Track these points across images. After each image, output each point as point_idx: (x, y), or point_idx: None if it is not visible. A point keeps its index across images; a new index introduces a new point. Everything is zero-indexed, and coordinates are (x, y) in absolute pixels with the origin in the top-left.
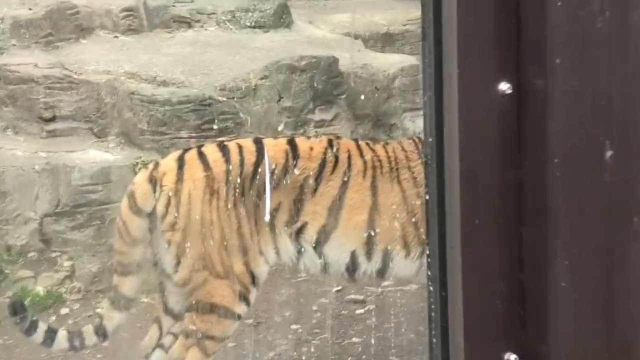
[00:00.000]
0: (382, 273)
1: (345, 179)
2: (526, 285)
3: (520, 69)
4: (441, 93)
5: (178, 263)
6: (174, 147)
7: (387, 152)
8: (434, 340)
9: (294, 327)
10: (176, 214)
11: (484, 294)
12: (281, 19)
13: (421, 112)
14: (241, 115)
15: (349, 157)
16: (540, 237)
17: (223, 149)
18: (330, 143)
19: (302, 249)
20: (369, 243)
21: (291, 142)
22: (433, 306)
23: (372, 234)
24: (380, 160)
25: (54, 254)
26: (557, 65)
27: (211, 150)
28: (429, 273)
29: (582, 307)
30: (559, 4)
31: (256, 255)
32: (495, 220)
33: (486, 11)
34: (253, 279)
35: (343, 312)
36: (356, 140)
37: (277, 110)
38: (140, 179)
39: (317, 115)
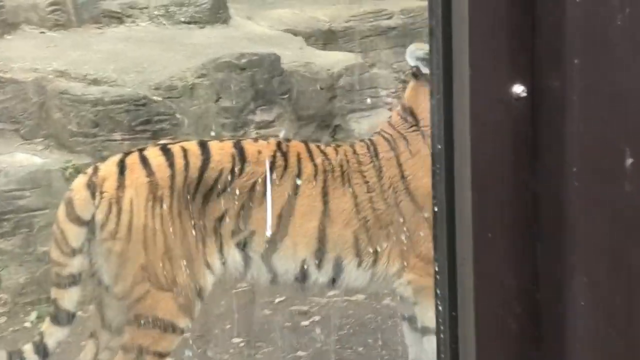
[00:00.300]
0: (333, 283)
1: (295, 184)
2: (542, 304)
3: (535, 70)
4: (451, 96)
5: (118, 274)
6: (107, 150)
7: (338, 155)
8: None
9: (235, 340)
10: (117, 222)
11: (498, 314)
12: (218, 14)
13: (366, 113)
14: (178, 115)
15: (299, 161)
16: (557, 251)
17: (166, 152)
18: (279, 146)
19: (250, 259)
20: (320, 252)
21: (238, 145)
22: (442, 327)
23: (323, 242)
24: (331, 164)
25: None
26: (575, 66)
27: (154, 153)
28: (438, 291)
29: (602, 328)
30: (577, 0)
31: (201, 266)
32: (509, 234)
33: (499, 6)
34: (198, 291)
35: (287, 324)
36: (306, 143)
37: (215, 111)
38: (79, 185)
39: (258, 116)
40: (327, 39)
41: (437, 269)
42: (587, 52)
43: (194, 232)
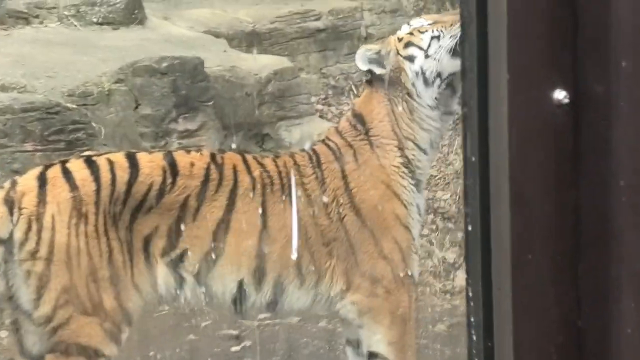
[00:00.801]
0: (273, 305)
1: (231, 198)
2: (585, 333)
3: (578, 74)
4: (486, 103)
5: (39, 298)
6: (17, 162)
7: (278, 166)
8: None
9: None
10: (37, 241)
11: (538, 345)
12: (133, 14)
13: (297, 121)
14: (94, 124)
15: (235, 174)
16: (601, 274)
17: (91, 165)
18: (213, 158)
19: (183, 280)
20: (259, 271)
21: (169, 157)
22: (476, 358)
23: (262, 261)
24: (270, 177)
25: None
26: (623, 69)
27: (78, 166)
28: (472, 319)
29: None
30: None
31: (129, 288)
32: (550, 255)
33: (539, 4)
34: (125, 315)
35: (216, 349)
36: (243, 154)
37: (134, 119)
38: None
39: (181, 125)
40: (251, 41)
41: (470, 295)
42: (636, 54)
43: (121, 252)
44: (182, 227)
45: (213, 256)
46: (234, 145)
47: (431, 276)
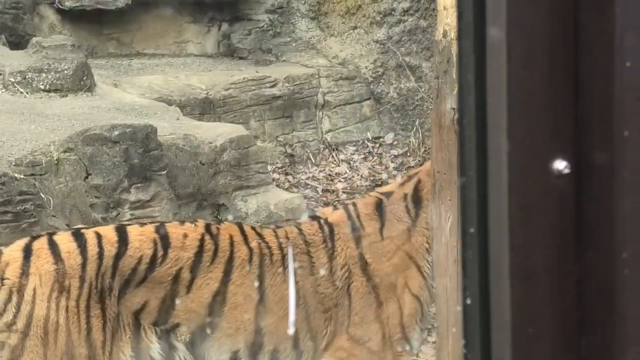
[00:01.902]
0: None
1: (227, 270)
2: None
3: (579, 144)
4: (485, 173)
5: None
6: None
7: (277, 237)
8: None
9: None
10: (15, 313)
11: None
12: (81, 81)
13: (253, 190)
14: (42, 195)
15: (232, 244)
16: (606, 351)
17: (79, 238)
18: (208, 228)
19: (174, 349)
20: (255, 344)
21: (161, 230)
22: None
23: (260, 333)
24: (269, 247)
25: None
26: (626, 138)
27: (64, 239)
28: None
29: None
30: (628, 64)
31: None
32: (553, 330)
33: (539, 72)
34: None
35: None
36: (240, 225)
37: (84, 189)
38: None
39: (133, 195)
40: (204, 108)
41: None
42: (638, 122)
43: (102, 330)
44: (175, 300)
45: (207, 330)
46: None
47: None
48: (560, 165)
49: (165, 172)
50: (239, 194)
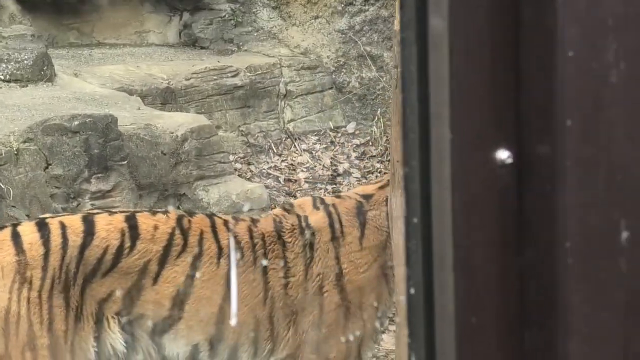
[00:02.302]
0: None
1: (194, 265)
2: None
3: (522, 133)
4: (428, 163)
5: None
6: None
7: (252, 236)
8: None
9: None
10: None
11: None
12: (42, 71)
13: (215, 180)
14: (1, 185)
15: (201, 240)
16: (548, 340)
17: (42, 228)
18: (179, 222)
19: (136, 339)
20: (216, 338)
21: (130, 220)
22: None
23: (221, 328)
24: (240, 246)
25: None
26: (568, 129)
27: (28, 229)
28: None
29: None
30: (570, 54)
31: (67, 358)
32: (495, 320)
33: (481, 63)
34: None
35: None
36: (213, 218)
37: (44, 180)
38: None
39: (94, 185)
40: (165, 98)
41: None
42: (580, 113)
43: (65, 319)
44: (140, 291)
45: (171, 321)
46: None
47: None
48: (503, 155)
49: (126, 162)
50: (200, 183)
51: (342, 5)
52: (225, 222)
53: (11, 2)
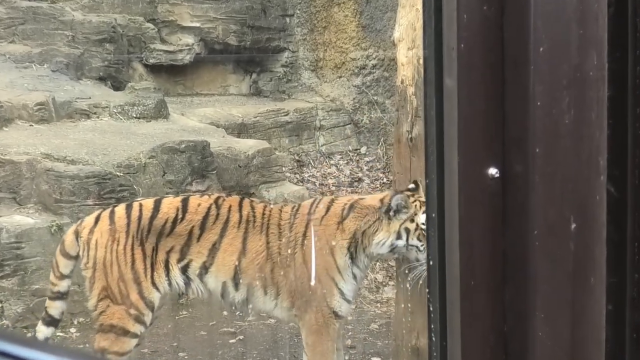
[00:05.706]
0: (246, 303)
1: (223, 229)
2: (509, 335)
3: (505, 156)
4: (442, 175)
5: (89, 294)
6: (82, 213)
7: (264, 211)
8: None
9: (181, 354)
10: (87, 257)
11: (478, 344)
12: (160, 111)
13: (273, 184)
14: (134, 187)
15: (229, 212)
16: (521, 295)
17: (128, 208)
18: (216, 200)
19: (190, 280)
20: (236, 277)
21: (185, 200)
22: (435, 354)
23: (239, 271)
24: (254, 216)
25: None
26: (536, 153)
27: (120, 209)
28: (432, 326)
29: (554, 352)
30: (539, 103)
31: (149, 286)
32: (486, 282)
33: (478, 109)
34: (147, 304)
35: (218, 341)
36: (242, 198)
37: (162, 183)
38: (70, 232)
39: (194, 187)
40: (240, 130)
41: (431, 309)
42: (545, 143)
43: (143, 262)
44: (189, 246)
45: (208, 265)
46: None
47: (366, 291)
48: (493, 171)
49: (215, 172)
50: (264, 186)
51: (358, 69)
52: (252, 201)
53: (140, 66)
